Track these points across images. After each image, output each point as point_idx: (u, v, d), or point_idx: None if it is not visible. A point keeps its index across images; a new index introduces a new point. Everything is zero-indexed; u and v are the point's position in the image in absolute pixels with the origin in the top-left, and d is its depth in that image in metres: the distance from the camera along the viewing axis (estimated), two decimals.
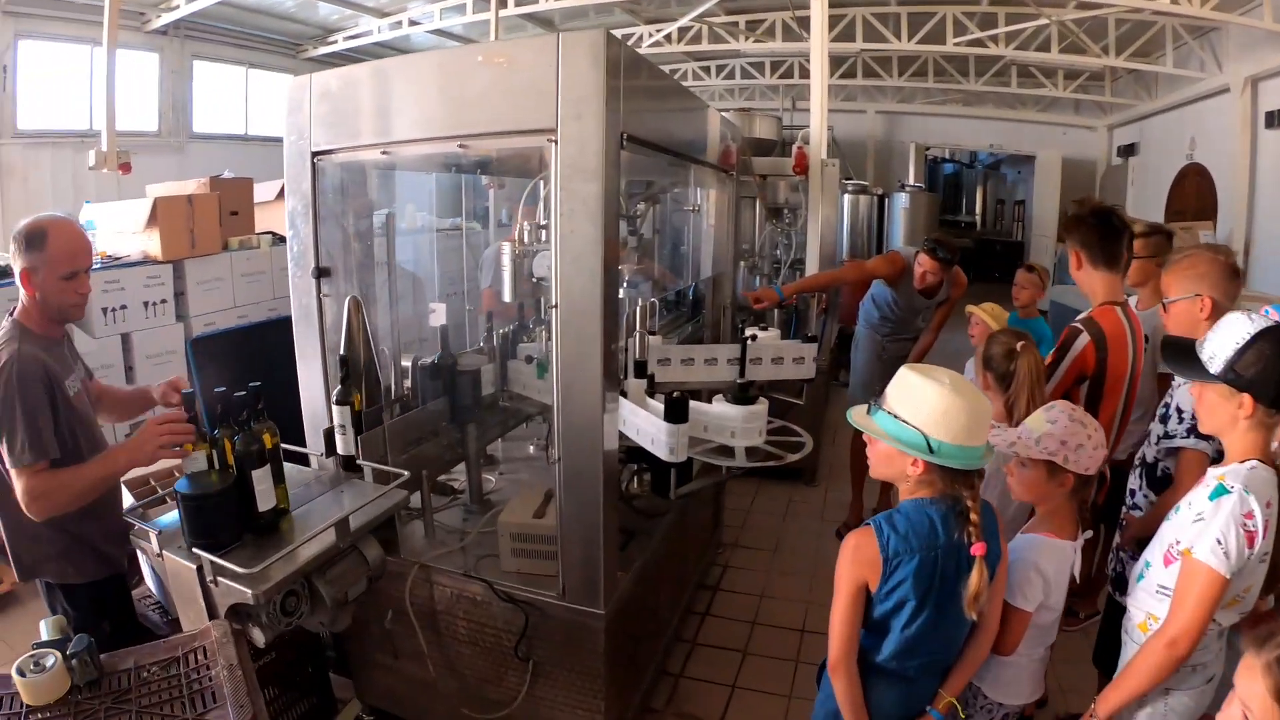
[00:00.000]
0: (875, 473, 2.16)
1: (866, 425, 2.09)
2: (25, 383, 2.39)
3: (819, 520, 5.54)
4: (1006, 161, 19.43)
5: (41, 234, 2.50)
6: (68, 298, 2.57)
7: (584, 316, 2.44)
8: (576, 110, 2.32)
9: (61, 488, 2.42)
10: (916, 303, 4.85)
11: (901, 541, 1.97)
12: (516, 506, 2.98)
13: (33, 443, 2.37)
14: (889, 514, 2.05)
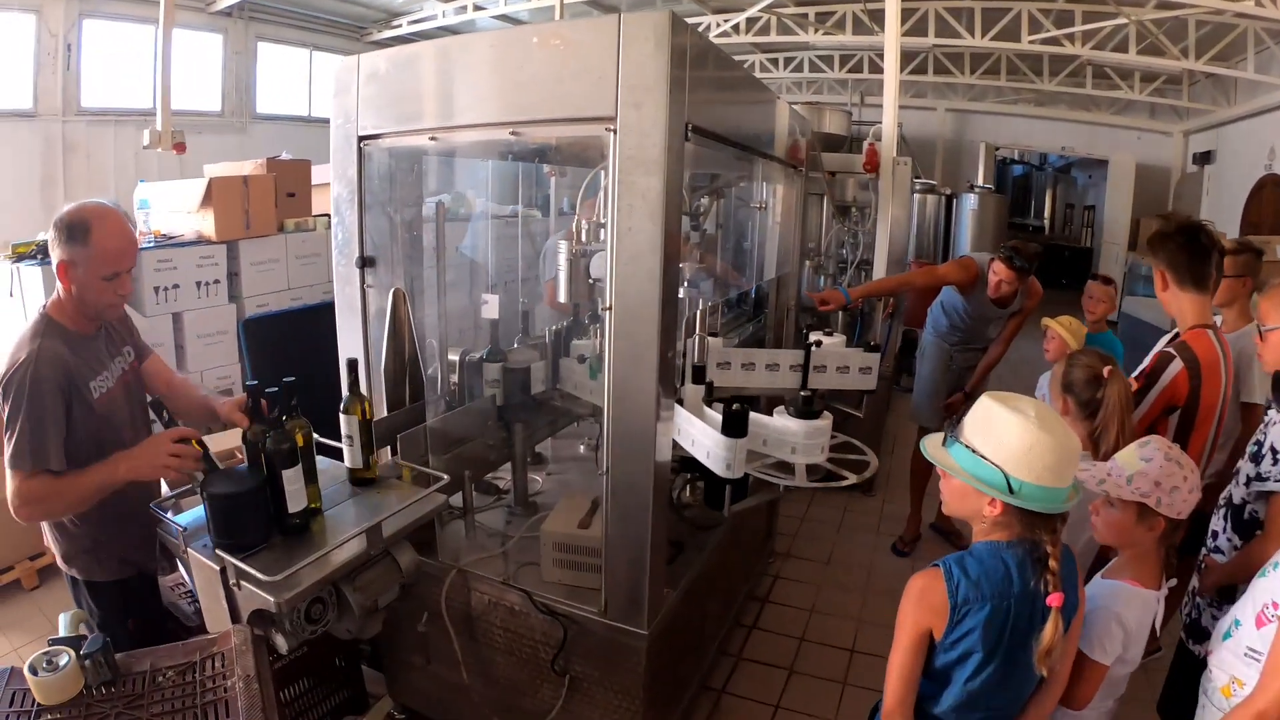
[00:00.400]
0: (948, 509, 1.98)
1: (941, 459, 1.91)
2: (38, 386, 2.26)
3: (874, 533, 5.34)
4: (1077, 165, 18.89)
5: (85, 227, 2.30)
6: (106, 298, 2.40)
7: (640, 321, 2.28)
8: (637, 98, 2.15)
9: (54, 495, 2.30)
10: (989, 312, 4.62)
11: (972, 588, 1.80)
12: (561, 514, 2.85)
13: (33, 450, 2.25)
14: (960, 556, 1.87)
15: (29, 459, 2.24)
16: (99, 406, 2.43)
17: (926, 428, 4.92)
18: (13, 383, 2.25)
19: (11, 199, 7.36)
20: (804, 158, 4.14)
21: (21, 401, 2.24)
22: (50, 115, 7.89)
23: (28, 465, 2.24)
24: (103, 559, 2.56)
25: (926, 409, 4.91)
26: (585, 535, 2.70)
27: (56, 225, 2.32)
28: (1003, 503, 1.77)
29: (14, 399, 2.24)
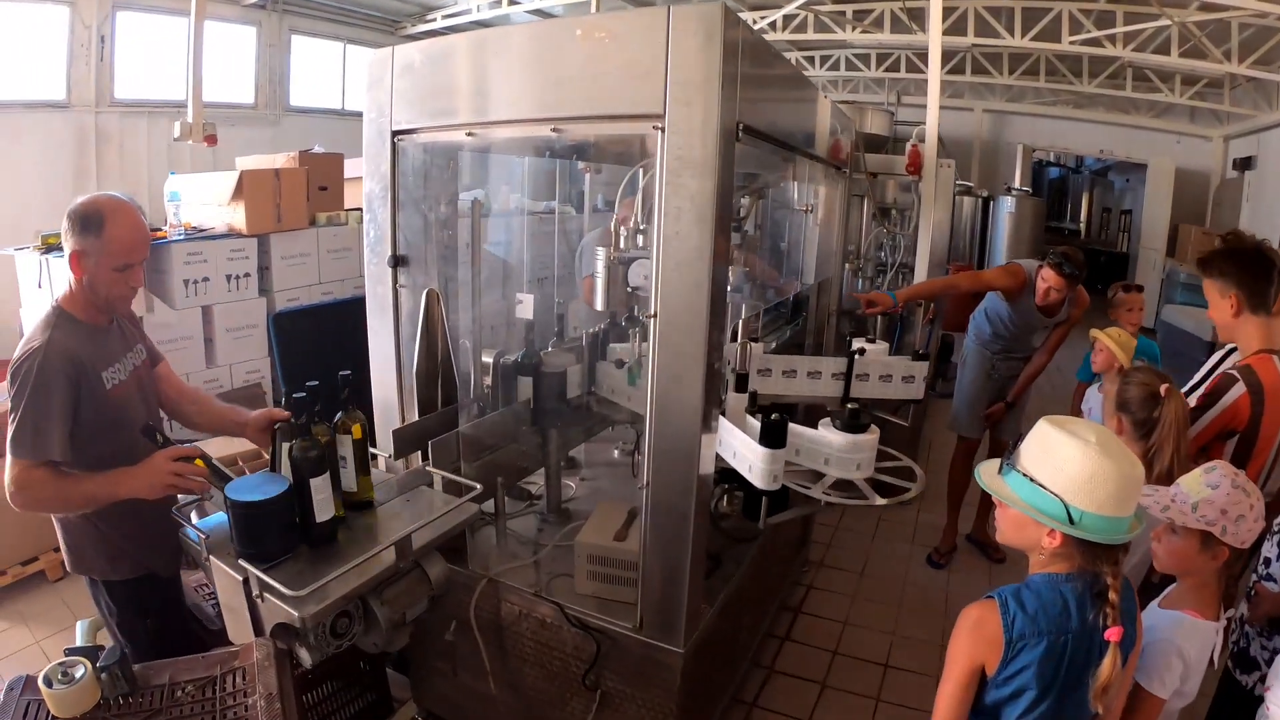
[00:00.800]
0: (1004, 539, 1.88)
1: (998, 489, 1.82)
2: (46, 377, 2.23)
3: (909, 543, 5.21)
4: (1114, 168, 18.56)
5: (99, 219, 2.30)
6: (117, 289, 2.39)
7: (686, 331, 2.18)
8: (687, 95, 2.05)
9: (51, 491, 2.26)
10: (1035, 321, 4.48)
11: (1029, 623, 1.70)
12: (596, 525, 2.76)
13: (34, 440, 2.21)
14: (1017, 589, 1.78)
15: (29, 449, 2.21)
16: (113, 396, 2.40)
17: (966, 437, 4.82)
18: (20, 370, 2.24)
19: (44, 190, 7.34)
20: (847, 158, 4.03)
21: (26, 390, 2.21)
22: (83, 106, 7.89)
23: (27, 455, 2.21)
24: (116, 559, 2.51)
25: (966, 418, 4.79)
26: (621, 548, 2.61)
27: (70, 216, 2.32)
28: (1063, 534, 1.69)
29: (20, 386, 2.22)
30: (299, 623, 1.90)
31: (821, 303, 4.26)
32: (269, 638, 2.06)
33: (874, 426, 2.70)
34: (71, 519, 2.44)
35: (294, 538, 2.10)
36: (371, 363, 2.90)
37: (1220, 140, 13.26)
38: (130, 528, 2.46)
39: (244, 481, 2.12)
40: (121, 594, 2.55)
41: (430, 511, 2.34)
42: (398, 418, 2.79)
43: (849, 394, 3.30)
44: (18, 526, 4.21)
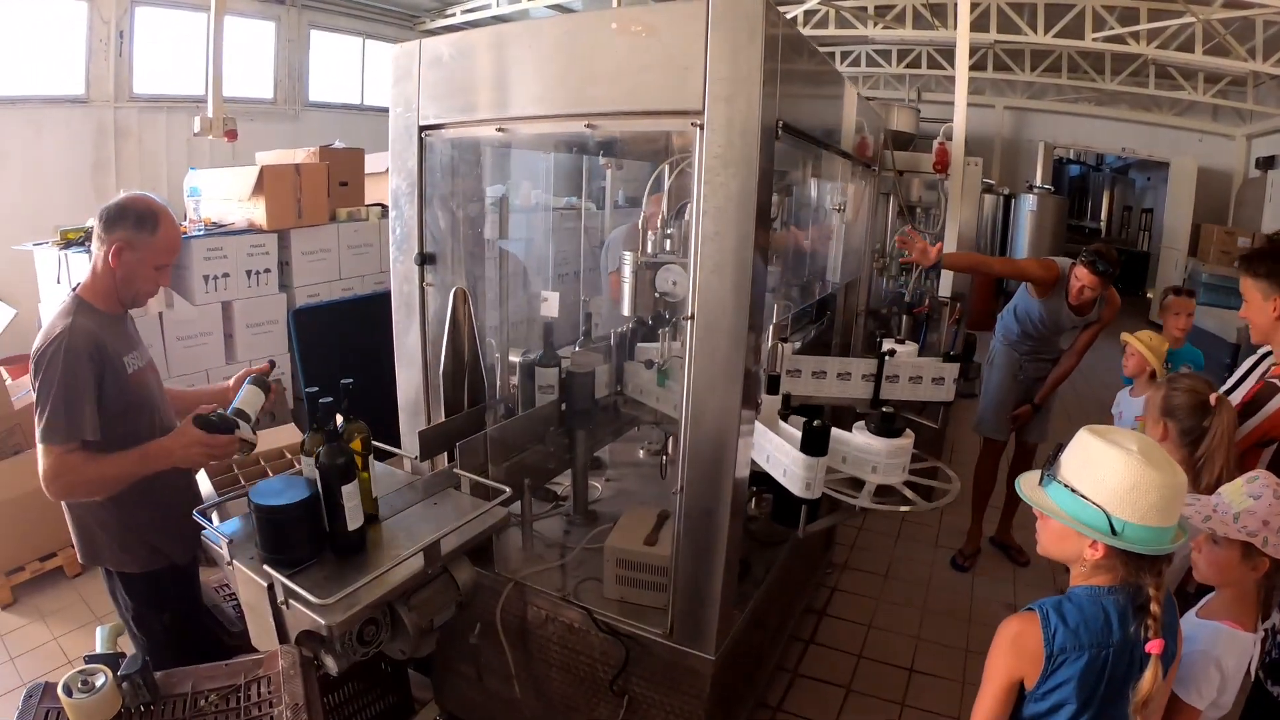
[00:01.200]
0: (1045, 551, 1.83)
1: (1039, 500, 1.77)
2: (72, 359, 2.23)
3: (932, 546, 5.14)
4: (1135, 166, 18.36)
5: (154, 217, 2.39)
6: (148, 286, 2.46)
7: (724, 333, 2.12)
8: (728, 91, 1.99)
9: (86, 473, 2.27)
10: (1065, 321, 4.40)
11: (1070, 636, 1.66)
12: (626, 529, 2.71)
13: (68, 422, 2.22)
14: (1058, 602, 1.73)
15: (64, 432, 2.21)
16: (134, 380, 2.42)
17: (992, 439, 4.75)
18: (45, 357, 2.23)
19: (64, 185, 7.35)
20: (877, 156, 3.97)
21: (55, 375, 2.21)
22: (102, 102, 7.87)
23: (62, 438, 2.21)
24: (131, 548, 2.48)
25: (992, 420, 4.71)
26: (651, 553, 2.56)
27: (123, 209, 2.37)
28: (1105, 545, 1.64)
29: (47, 373, 2.22)
30: (326, 631, 1.85)
31: (849, 302, 4.18)
32: (294, 645, 2.02)
33: (909, 430, 2.64)
34: (84, 506, 2.43)
35: (320, 543, 2.06)
36: (397, 362, 2.85)
37: (1243, 139, 13.10)
38: (145, 514, 2.45)
39: (268, 485, 2.08)
40: (138, 586, 2.53)
41: (458, 516, 2.29)
42: (424, 418, 2.74)
43: (879, 396, 3.25)
44: (36, 522, 4.20)
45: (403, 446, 2.81)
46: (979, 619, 4.23)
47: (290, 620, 1.99)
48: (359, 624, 1.97)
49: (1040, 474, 1.80)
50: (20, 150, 7.22)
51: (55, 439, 2.21)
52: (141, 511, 2.43)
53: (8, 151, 7.15)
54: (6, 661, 3.81)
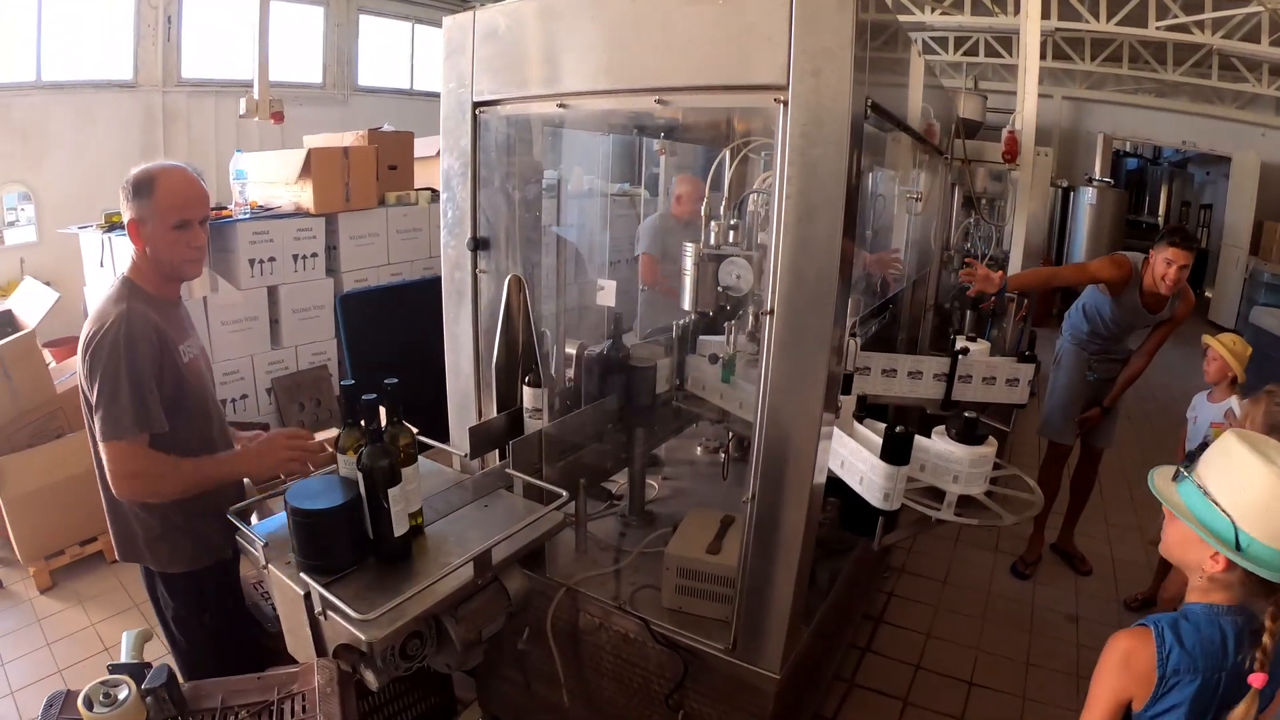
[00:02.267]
0: (1166, 554, 1.70)
1: (1168, 496, 1.64)
2: (131, 346, 2.09)
3: (992, 551, 4.93)
4: (1195, 160, 17.85)
5: (149, 181, 2.22)
6: (179, 251, 2.26)
7: (807, 332, 1.95)
8: (815, 64, 1.82)
9: (161, 471, 2.14)
10: (1137, 320, 4.18)
11: (1185, 658, 1.53)
12: (687, 536, 2.56)
13: (136, 413, 2.07)
14: (1174, 620, 1.59)
15: (133, 424, 2.07)
16: (189, 372, 2.28)
17: (1057, 442, 4.53)
18: (103, 347, 2.08)
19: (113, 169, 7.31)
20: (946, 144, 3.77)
21: (118, 364, 2.07)
22: (150, 86, 7.89)
23: (132, 431, 2.07)
24: (182, 548, 2.35)
25: (1059, 423, 4.47)
26: (715, 562, 2.40)
27: (123, 187, 2.24)
28: (1225, 559, 1.51)
29: (107, 363, 2.07)
30: (366, 647, 1.72)
31: (917, 296, 3.99)
32: (332, 659, 1.89)
33: (991, 437, 2.46)
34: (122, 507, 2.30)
35: (362, 549, 1.92)
36: (447, 353, 2.73)
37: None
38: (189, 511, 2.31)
39: (305, 485, 1.94)
40: (179, 585, 2.41)
41: (511, 521, 2.14)
42: (474, 413, 2.61)
43: (950, 396, 3.08)
44: (76, 507, 4.17)
45: (451, 441, 2.68)
46: (1040, 630, 4.06)
47: (328, 631, 1.86)
48: (402, 638, 1.83)
49: (1175, 469, 1.68)
50: (69, 135, 7.27)
51: (123, 432, 2.07)
52: (186, 508, 2.30)
53: (57, 137, 7.20)
54: (43, 647, 3.78)
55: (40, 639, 3.83)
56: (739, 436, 3.18)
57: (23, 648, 3.77)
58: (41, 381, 4.35)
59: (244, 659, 2.36)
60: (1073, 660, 3.79)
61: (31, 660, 3.68)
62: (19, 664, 3.65)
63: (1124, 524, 4.71)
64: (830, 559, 2.92)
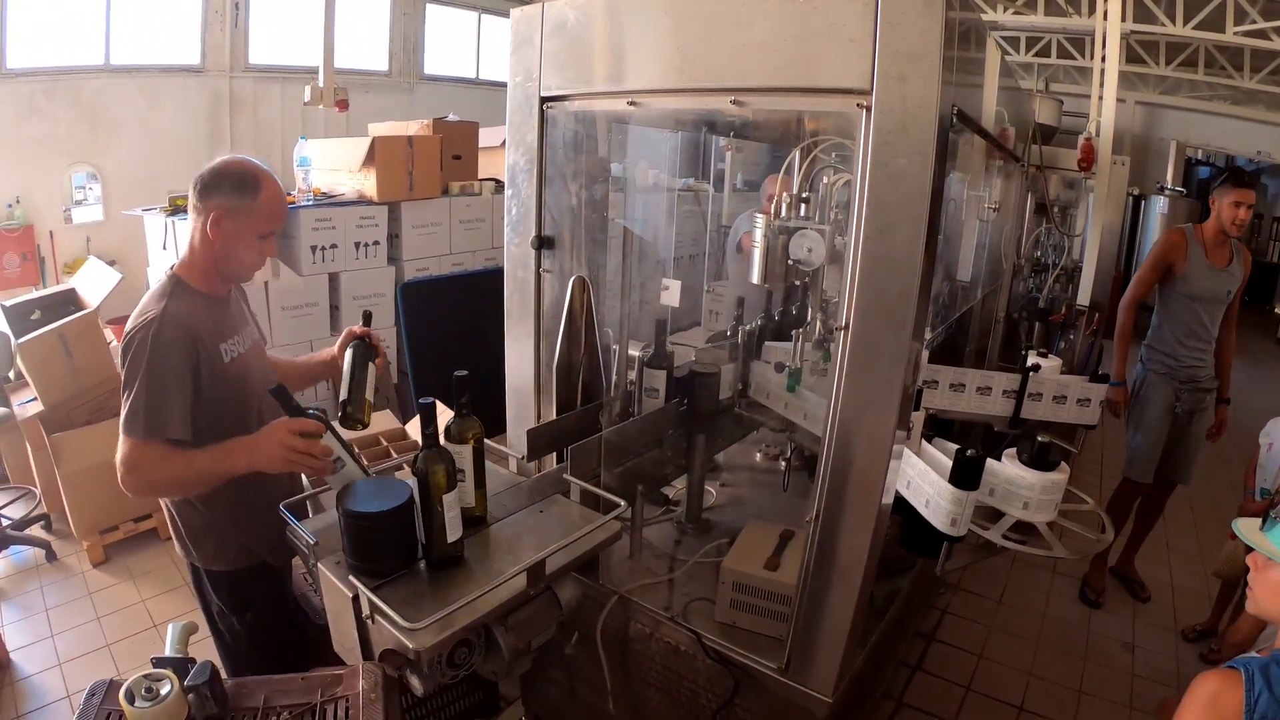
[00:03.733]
0: (1258, 608, 1.66)
1: (1260, 543, 1.59)
2: (161, 350, 2.04)
3: (1050, 573, 4.78)
4: (1267, 171, 17.31)
5: (256, 181, 2.17)
6: (252, 258, 2.25)
7: (884, 350, 1.88)
8: (900, 69, 1.73)
9: (164, 470, 2.06)
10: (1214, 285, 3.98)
11: (1273, 706, 1.46)
12: (744, 550, 2.49)
13: (149, 416, 2.01)
14: (1265, 664, 1.51)
15: (143, 426, 2.01)
16: (231, 371, 2.22)
17: (1136, 481, 4.30)
18: (134, 342, 2.05)
19: (179, 152, 7.51)
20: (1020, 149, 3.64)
21: (141, 364, 2.02)
22: (217, 71, 8.02)
23: (140, 432, 2.01)
24: (224, 547, 2.33)
25: (1143, 463, 4.24)
26: (772, 579, 2.34)
27: (218, 174, 2.15)
28: None
29: (133, 361, 2.03)
30: (413, 654, 1.68)
31: (987, 307, 3.86)
32: (378, 663, 1.86)
33: (1064, 464, 2.35)
34: (178, 504, 2.29)
35: (413, 554, 1.89)
36: (507, 353, 2.68)
37: None
38: (243, 516, 2.29)
39: (360, 487, 1.91)
40: (225, 583, 2.38)
41: (567, 529, 2.09)
42: (533, 414, 2.58)
43: (1019, 415, 2.97)
44: None
45: (509, 442, 2.64)
46: (1095, 657, 3.94)
47: (375, 634, 1.83)
48: (450, 647, 1.80)
49: (1265, 516, 1.63)
50: (136, 118, 7.41)
51: (134, 431, 2.02)
52: (238, 512, 2.28)
53: (124, 119, 7.34)
54: (93, 620, 3.85)
55: (91, 612, 3.90)
56: (800, 446, 3.10)
57: (73, 620, 3.84)
58: (102, 359, 4.43)
59: (288, 657, 2.34)
60: (1127, 690, 3.68)
61: (81, 633, 3.75)
62: (68, 635, 3.72)
63: (1186, 551, 4.56)
64: (889, 578, 2.84)
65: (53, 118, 6.90)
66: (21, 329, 4.41)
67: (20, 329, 4.42)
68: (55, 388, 4.28)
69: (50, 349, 4.24)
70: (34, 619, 3.82)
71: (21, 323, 4.55)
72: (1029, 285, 5.25)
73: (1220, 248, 3.98)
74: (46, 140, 6.88)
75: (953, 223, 3.39)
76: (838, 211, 2.47)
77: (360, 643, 1.89)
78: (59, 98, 6.92)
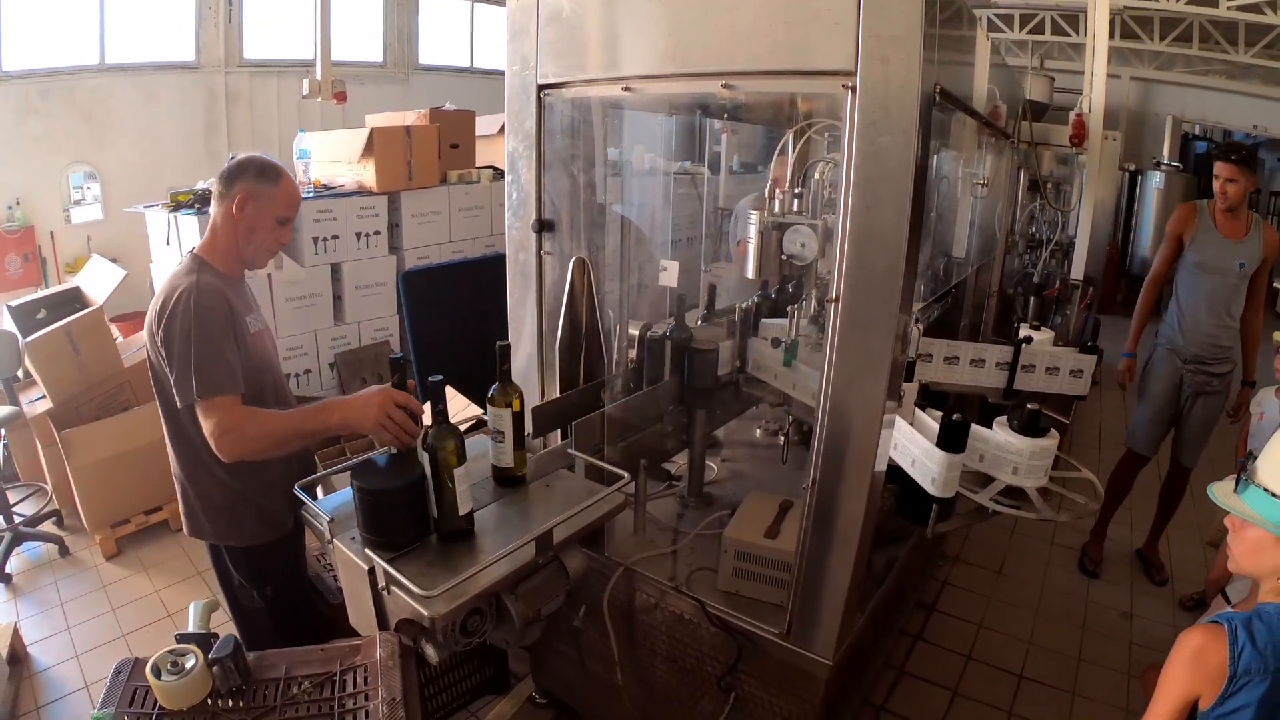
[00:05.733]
0: (1237, 567, 1.68)
1: (1235, 506, 1.63)
2: (204, 313, 2.16)
3: (1048, 544, 4.86)
4: (1265, 146, 17.27)
5: (277, 170, 2.37)
6: (268, 242, 2.39)
7: (872, 321, 1.93)
8: (884, 51, 1.78)
9: (257, 426, 2.16)
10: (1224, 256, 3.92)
11: (1257, 658, 1.50)
12: (745, 520, 2.55)
13: (224, 373, 2.14)
14: (1248, 619, 1.56)
15: (224, 383, 2.14)
16: (253, 344, 2.36)
17: (1138, 453, 4.37)
18: (176, 316, 2.15)
19: (177, 149, 7.56)
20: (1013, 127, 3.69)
21: (190, 329, 2.13)
22: (213, 67, 8.02)
23: (226, 388, 2.14)
24: (244, 523, 2.42)
25: (1143, 436, 4.30)
26: (773, 547, 2.40)
27: (244, 165, 2.34)
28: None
29: (181, 331, 2.13)
30: (428, 622, 1.75)
31: (981, 281, 3.91)
32: (394, 633, 1.94)
33: (1054, 431, 2.42)
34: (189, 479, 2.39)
35: (425, 527, 1.96)
36: (510, 333, 2.75)
37: None
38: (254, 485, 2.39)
39: (371, 462, 1.99)
40: (243, 558, 2.49)
41: (572, 502, 2.16)
42: (537, 392, 2.64)
43: (1013, 386, 3.04)
44: (143, 476, 4.31)
45: None
46: (1093, 626, 4.01)
47: (391, 605, 1.91)
48: (463, 615, 1.87)
49: (1235, 479, 1.65)
50: (133, 116, 7.43)
51: (216, 391, 2.12)
52: (254, 480, 2.37)
53: (121, 117, 7.36)
54: (108, 612, 3.91)
55: (105, 604, 3.96)
56: (799, 420, 3.17)
57: (88, 613, 3.90)
58: (109, 355, 4.48)
59: (306, 631, 2.43)
60: (1125, 658, 3.74)
61: (96, 625, 3.81)
62: (84, 628, 3.78)
63: (1182, 521, 4.60)
64: (887, 546, 2.91)
65: (50, 118, 6.92)
66: (28, 328, 4.46)
67: (27, 328, 4.47)
68: (63, 385, 4.33)
69: (58, 346, 4.30)
70: (49, 613, 3.89)
71: (28, 321, 4.61)
72: (1024, 261, 5.29)
73: (1231, 221, 3.93)
74: (44, 141, 6.90)
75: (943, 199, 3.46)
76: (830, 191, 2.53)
77: (376, 614, 1.96)
78: (55, 98, 6.94)
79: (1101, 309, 5.31)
